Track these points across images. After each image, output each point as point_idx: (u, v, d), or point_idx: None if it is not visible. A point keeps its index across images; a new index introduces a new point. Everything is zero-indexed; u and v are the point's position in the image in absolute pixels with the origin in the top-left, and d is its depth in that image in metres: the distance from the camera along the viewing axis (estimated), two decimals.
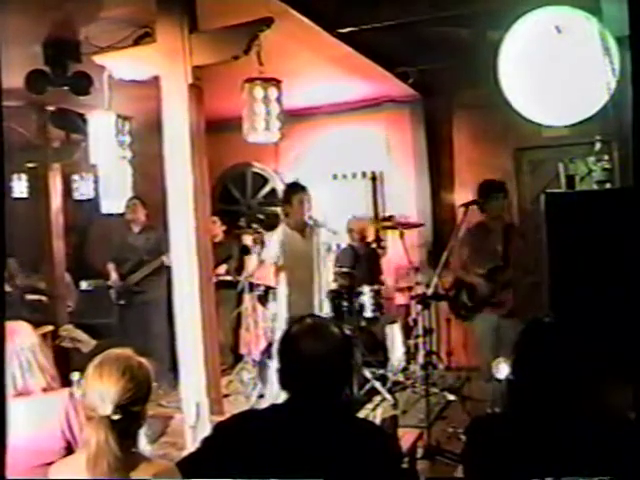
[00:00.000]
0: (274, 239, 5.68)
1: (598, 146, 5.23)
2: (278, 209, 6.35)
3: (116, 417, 2.16)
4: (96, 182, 8.35)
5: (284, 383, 2.23)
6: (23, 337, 2.72)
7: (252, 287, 7.12)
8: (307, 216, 5.73)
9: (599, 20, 4.16)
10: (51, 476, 2.31)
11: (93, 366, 2.26)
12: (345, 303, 6.64)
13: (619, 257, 4.62)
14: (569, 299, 4.74)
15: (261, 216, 8.48)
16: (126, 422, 2.20)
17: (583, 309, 4.52)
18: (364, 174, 8.37)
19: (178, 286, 4.37)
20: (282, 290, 5.74)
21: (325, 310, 5.71)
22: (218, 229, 7.59)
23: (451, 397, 6.40)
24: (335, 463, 2.06)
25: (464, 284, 5.66)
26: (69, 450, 2.62)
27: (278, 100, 4.39)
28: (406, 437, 3.90)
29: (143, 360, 2.36)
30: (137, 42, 4.81)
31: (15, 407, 2.53)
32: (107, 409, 2.16)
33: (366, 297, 6.71)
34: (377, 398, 6.27)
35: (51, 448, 2.60)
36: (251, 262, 6.94)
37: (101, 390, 2.19)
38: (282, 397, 2.26)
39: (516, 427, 2.13)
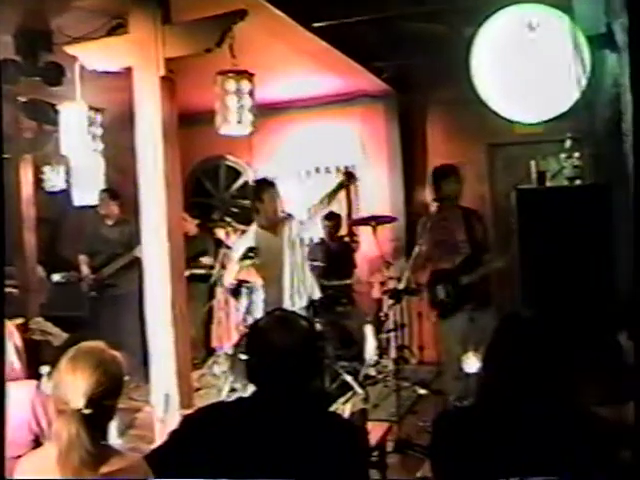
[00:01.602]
0: (244, 242, 5.64)
1: (569, 143, 5.29)
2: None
3: (88, 411, 2.15)
4: (68, 173, 8.27)
5: (252, 376, 2.23)
6: None
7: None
8: (279, 212, 5.71)
9: (571, 18, 4.20)
10: (20, 468, 2.30)
11: (66, 359, 2.25)
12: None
13: (588, 251, 4.69)
14: (540, 293, 4.80)
15: (234, 209, 8.48)
16: (98, 416, 2.19)
17: (553, 302, 4.58)
18: (337, 168, 8.38)
19: (149, 279, 4.36)
20: (255, 285, 5.72)
21: (298, 305, 5.69)
22: (190, 224, 7.55)
23: (422, 391, 6.44)
24: (303, 456, 2.07)
25: (439, 280, 5.62)
26: (37, 443, 2.60)
27: (251, 93, 4.38)
28: (375, 430, 3.91)
29: (116, 353, 2.35)
30: (110, 33, 4.77)
31: None
32: (79, 403, 2.15)
33: (337, 291, 6.72)
34: (349, 392, 6.29)
35: (19, 440, 2.58)
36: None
37: (74, 383, 2.18)
38: (251, 390, 2.26)
39: (483, 421, 2.15)
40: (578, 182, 5.19)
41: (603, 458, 2.02)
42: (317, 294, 5.95)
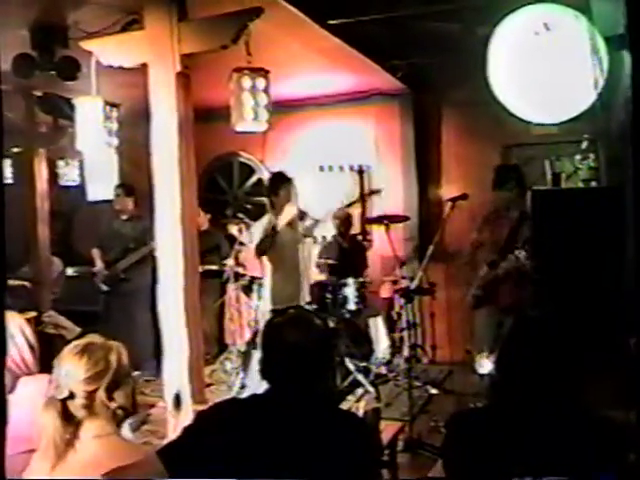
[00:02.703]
0: (259, 228, 5.62)
1: (584, 145, 5.27)
2: (264, 199, 6.29)
3: (69, 400, 2.18)
4: (82, 168, 8.30)
5: (265, 373, 2.23)
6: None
7: (237, 277, 7.13)
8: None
9: (588, 19, 4.18)
10: (34, 464, 2.31)
11: (64, 353, 2.29)
12: (329, 295, 6.65)
13: (603, 254, 4.67)
14: (553, 294, 4.78)
15: (247, 206, 8.50)
16: (85, 405, 2.21)
17: (567, 304, 4.56)
18: (351, 167, 8.38)
19: (163, 275, 4.36)
20: (267, 281, 5.71)
21: (308, 301, 5.70)
22: (203, 218, 7.56)
23: (434, 391, 6.44)
24: (315, 454, 2.07)
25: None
26: None
27: (266, 90, 4.37)
28: (388, 430, 3.92)
29: (113, 343, 2.37)
30: (125, 29, 4.77)
31: None
32: (62, 393, 2.18)
33: (350, 289, 6.73)
34: (360, 390, 6.29)
35: (32, 435, 2.58)
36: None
37: (60, 374, 2.22)
38: (264, 387, 2.26)
39: (497, 422, 2.14)
40: (593, 184, 5.17)
41: (613, 459, 2.01)
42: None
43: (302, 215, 5.72)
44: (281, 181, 5.67)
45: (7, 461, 2.46)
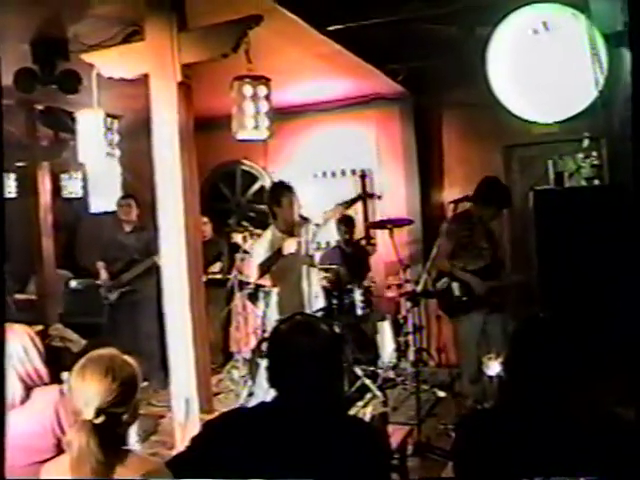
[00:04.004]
0: (263, 244, 5.58)
1: (586, 143, 5.26)
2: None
3: (98, 421, 2.16)
4: (85, 181, 8.32)
5: (273, 381, 2.23)
6: (13, 339, 2.71)
7: (242, 285, 7.12)
8: (296, 216, 5.66)
9: (587, 17, 4.18)
10: (43, 476, 2.31)
11: (76, 368, 2.27)
12: (335, 301, 6.65)
13: (607, 253, 4.65)
14: (558, 294, 4.77)
15: (251, 214, 8.50)
16: (110, 424, 2.20)
17: (572, 304, 4.55)
18: (353, 171, 8.38)
19: (168, 285, 4.36)
20: (273, 290, 5.70)
21: (315, 308, 5.68)
22: (206, 227, 7.57)
23: (441, 394, 6.42)
24: (325, 461, 2.07)
25: (454, 278, 5.54)
26: (59, 448, 2.61)
27: (267, 98, 4.38)
28: (396, 434, 3.91)
29: (128, 359, 2.36)
30: (126, 40, 4.79)
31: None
32: (89, 413, 2.16)
33: (356, 294, 6.73)
34: (367, 395, 6.28)
35: (42, 446, 2.59)
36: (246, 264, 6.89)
37: (84, 393, 2.20)
38: (272, 395, 2.26)
39: (506, 424, 2.14)
40: (596, 182, 5.16)
41: (624, 458, 2.01)
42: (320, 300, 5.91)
43: (304, 221, 5.69)
44: (282, 190, 5.62)
45: (19, 471, 2.48)
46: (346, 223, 7.48)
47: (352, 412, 4.81)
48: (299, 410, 2.15)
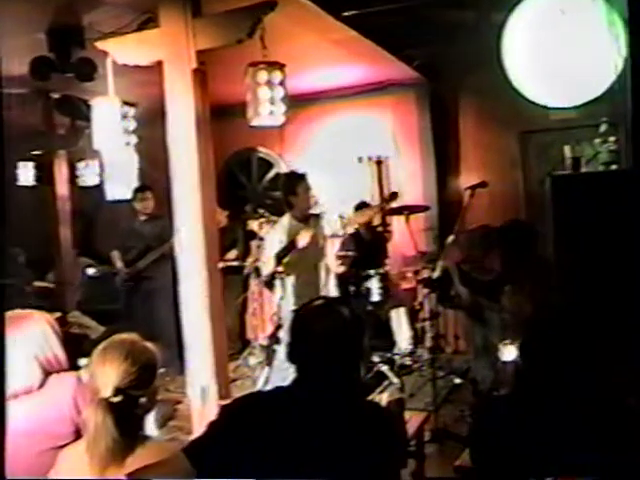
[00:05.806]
0: (279, 232, 5.56)
1: (604, 128, 5.21)
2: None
3: (115, 399, 2.18)
4: (101, 169, 8.34)
5: (293, 361, 2.22)
6: (33, 325, 2.73)
7: (258, 272, 7.13)
8: (312, 204, 5.63)
9: (606, 0, 4.13)
10: (60, 461, 2.33)
11: (98, 351, 2.29)
12: (351, 287, 6.64)
13: (625, 239, 4.61)
14: (575, 280, 4.74)
15: (267, 201, 8.50)
16: (127, 405, 2.21)
17: (589, 290, 4.52)
18: (369, 158, 8.35)
19: (184, 272, 4.38)
20: (289, 278, 5.68)
21: (332, 295, 5.67)
22: (220, 215, 7.57)
23: (458, 380, 6.41)
24: (341, 445, 2.07)
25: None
26: (78, 434, 2.63)
27: (282, 84, 4.37)
28: (413, 420, 3.90)
29: (149, 344, 2.37)
30: (140, 27, 4.80)
31: None
32: (107, 391, 2.18)
33: (372, 281, 6.72)
34: (384, 382, 6.28)
35: (60, 432, 2.60)
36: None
37: (103, 373, 2.22)
38: (288, 381, 2.26)
39: (523, 409, 2.14)
40: (614, 167, 5.12)
41: (634, 448, 2.00)
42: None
43: (319, 215, 5.64)
44: (297, 179, 5.58)
45: (36, 457, 2.50)
46: (363, 209, 7.46)
47: (369, 398, 4.81)
48: (316, 394, 2.15)
